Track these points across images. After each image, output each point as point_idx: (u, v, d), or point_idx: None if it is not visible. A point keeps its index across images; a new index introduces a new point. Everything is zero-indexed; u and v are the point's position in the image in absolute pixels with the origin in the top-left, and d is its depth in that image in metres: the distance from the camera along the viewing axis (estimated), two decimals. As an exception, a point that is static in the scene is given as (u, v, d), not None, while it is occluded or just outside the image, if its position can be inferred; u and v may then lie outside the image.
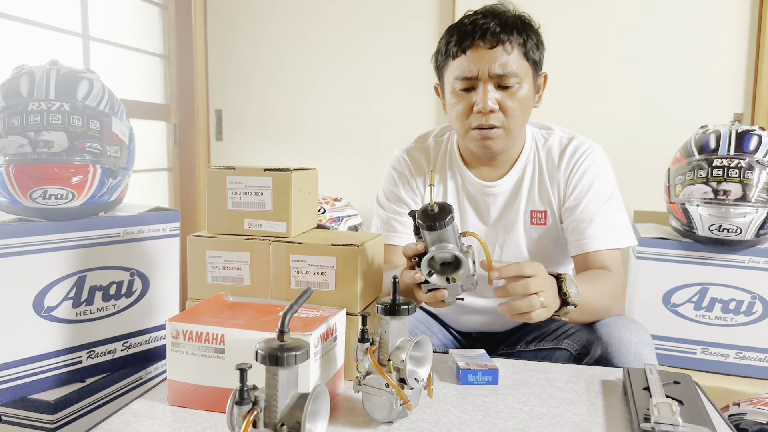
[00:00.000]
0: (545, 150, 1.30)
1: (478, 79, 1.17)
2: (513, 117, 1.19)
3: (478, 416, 0.87)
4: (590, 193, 1.24)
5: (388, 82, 2.57)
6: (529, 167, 1.30)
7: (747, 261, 1.59)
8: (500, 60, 1.16)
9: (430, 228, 0.93)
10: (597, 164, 1.27)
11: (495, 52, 1.16)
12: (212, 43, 2.75)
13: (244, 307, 0.96)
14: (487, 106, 1.16)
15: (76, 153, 1.13)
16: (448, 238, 0.94)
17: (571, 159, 1.27)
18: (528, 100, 1.21)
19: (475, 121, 1.19)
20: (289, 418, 0.65)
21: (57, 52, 2.07)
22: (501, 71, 1.16)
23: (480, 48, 1.16)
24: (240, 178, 1.01)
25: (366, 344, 0.84)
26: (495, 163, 1.29)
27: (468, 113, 1.20)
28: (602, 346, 1.11)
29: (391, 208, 1.35)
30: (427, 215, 0.94)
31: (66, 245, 1.16)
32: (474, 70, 1.17)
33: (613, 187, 1.28)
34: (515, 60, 1.17)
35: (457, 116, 1.22)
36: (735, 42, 2.22)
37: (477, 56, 1.16)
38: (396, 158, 1.38)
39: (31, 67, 1.20)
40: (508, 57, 1.16)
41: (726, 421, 0.88)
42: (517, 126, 1.21)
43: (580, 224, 1.23)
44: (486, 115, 1.18)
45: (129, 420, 0.85)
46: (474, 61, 1.17)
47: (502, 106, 1.18)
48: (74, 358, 1.20)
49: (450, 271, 0.96)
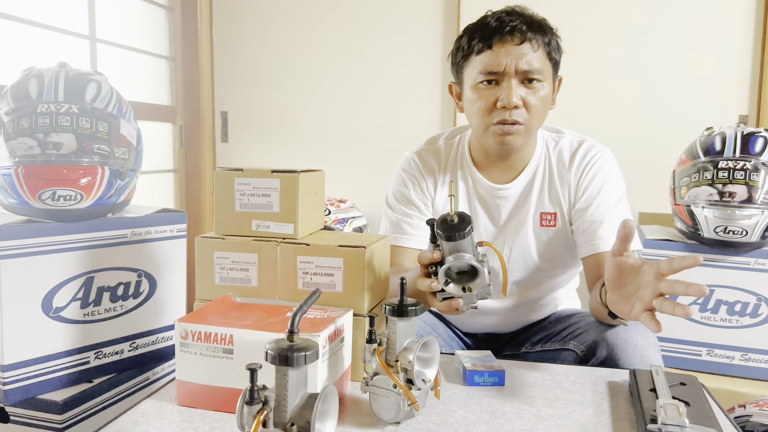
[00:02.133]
0: (556, 152, 1.30)
1: (503, 74, 1.17)
2: (535, 115, 1.19)
3: (485, 417, 0.88)
4: (601, 195, 1.25)
5: (394, 84, 2.58)
6: (539, 170, 1.30)
7: (752, 263, 1.59)
8: (527, 56, 1.16)
9: (449, 238, 0.93)
10: (607, 167, 1.27)
11: (522, 48, 1.17)
12: (218, 45, 2.76)
13: (252, 308, 0.97)
14: (512, 102, 1.16)
15: (85, 155, 1.14)
16: (466, 248, 0.95)
17: (582, 161, 1.27)
18: (548, 99, 1.22)
19: (498, 117, 1.19)
20: (298, 418, 0.65)
21: (64, 55, 2.08)
22: (527, 67, 1.17)
23: (508, 43, 1.17)
24: (248, 180, 1.02)
25: (373, 345, 0.84)
26: (506, 164, 1.29)
27: (491, 109, 1.20)
28: (608, 348, 1.12)
29: (401, 210, 1.34)
30: (446, 225, 0.94)
31: (74, 246, 1.17)
32: (501, 65, 1.17)
33: (623, 191, 1.28)
34: (540, 58, 1.18)
35: (479, 111, 1.21)
36: (740, 44, 2.21)
37: (504, 51, 1.17)
38: (406, 160, 1.37)
39: (40, 69, 1.21)
40: (534, 54, 1.17)
41: (732, 422, 0.88)
42: (537, 124, 1.22)
43: (591, 225, 1.23)
44: (510, 111, 1.17)
45: (138, 420, 0.86)
46: (501, 56, 1.17)
47: (525, 102, 1.18)
48: (82, 359, 1.20)
49: (466, 280, 0.96)
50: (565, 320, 1.29)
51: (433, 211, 1.35)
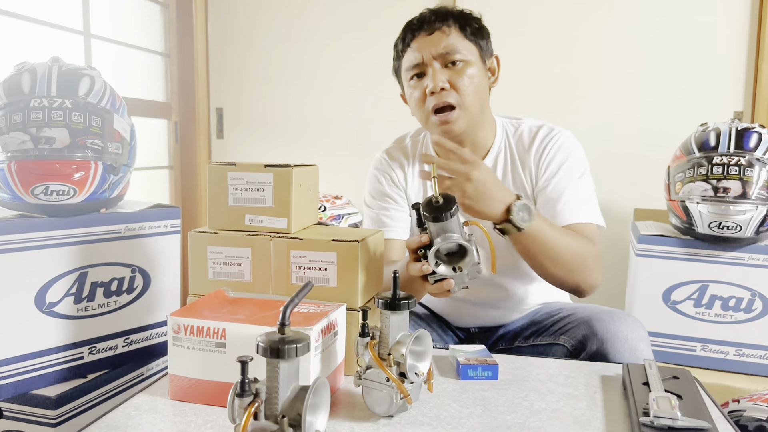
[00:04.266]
0: (516, 138, 1.33)
1: (425, 63, 1.24)
2: (465, 93, 1.23)
3: (478, 410, 0.88)
4: (560, 173, 1.27)
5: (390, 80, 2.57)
6: (501, 156, 1.32)
7: (747, 258, 1.59)
8: (443, 42, 1.23)
9: (436, 219, 0.95)
10: (567, 146, 1.29)
11: (434, 36, 1.24)
12: (213, 41, 2.75)
13: (245, 303, 0.96)
14: (437, 85, 1.21)
15: (78, 149, 1.14)
16: (453, 229, 0.96)
17: (542, 143, 1.30)
18: (479, 77, 1.25)
19: (431, 103, 1.24)
20: (290, 411, 0.65)
21: (59, 50, 2.07)
22: (443, 50, 1.23)
23: (422, 37, 1.25)
24: (241, 174, 1.01)
25: (366, 339, 0.84)
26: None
27: (423, 98, 1.25)
28: (598, 341, 1.13)
29: (378, 205, 1.38)
30: (432, 207, 0.95)
31: (67, 241, 1.17)
32: (419, 57, 1.24)
33: (584, 168, 1.30)
34: (455, 39, 1.24)
35: (416, 105, 1.27)
36: (735, 40, 2.22)
37: (420, 45, 1.25)
38: (377, 160, 1.43)
39: (32, 64, 1.20)
40: (448, 38, 1.23)
41: (725, 415, 0.88)
42: (473, 103, 1.24)
43: (549, 202, 1.26)
44: (438, 94, 1.22)
45: (130, 414, 0.85)
46: (418, 49, 1.25)
47: (453, 84, 1.23)
48: (76, 354, 1.20)
49: (456, 260, 0.98)
50: (556, 315, 1.29)
51: (408, 202, 1.38)
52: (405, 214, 1.38)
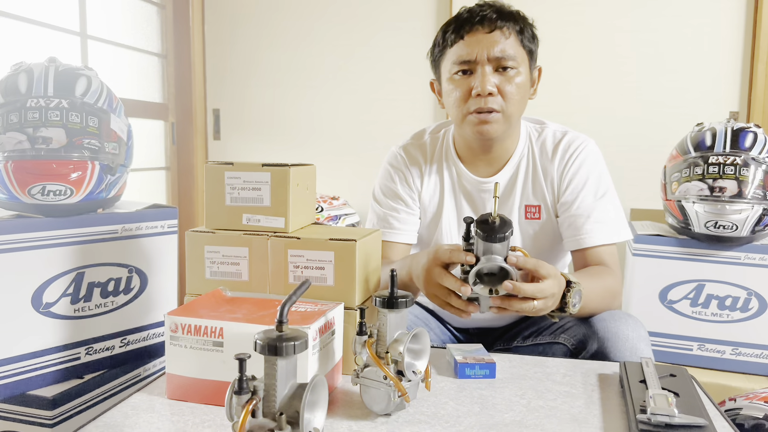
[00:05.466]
0: (539, 144, 1.30)
1: (476, 62, 1.18)
2: (511, 101, 1.20)
3: (475, 408, 0.88)
4: (586, 189, 1.25)
5: (386, 81, 2.58)
6: (523, 162, 1.30)
7: (743, 257, 1.59)
8: (499, 43, 1.18)
9: (488, 239, 0.94)
10: (591, 159, 1.27)
11: (493, 35, 1.18)
12: (210, 43, 2.76)
13: (243, 302, 0.96)
14: (486, 89, 1.17)
15: (75, 149, 1.14)
16: (500, 251, 0.95)
17: (565, 154, 1.27)
18: (525, 87, 1.22)
19: (474, 105, 1.19)
20: (287, 408, 0.65)
21: (55, 51, 2.06)
22: (500, 54, 1.18)
23: (478, 32, 1.18)
24: (238, 174, 1.01)
25: (364, 337, 0.84)
26: (490, 157, 1.29)
27: (466, 98, 1.20)
28: (598, 341, 1.12)
29: (388, 205, 1.35)
30: (488, 226, 0.94)
31: (64, 242, 1.17)
32: (473, 54, 1.18)
33: (609, 182, 1.28)
34: (512, 45, 1.19)
35: (455, 102, 1.22)
36: (731, 40, 2.23)
37: (475, 40, 1.18)
38: (393, 155, 1.38)
39: (29, 64, 1.20)
40: (506, 41, 1.18)
41: (721, 412, 0.88)
42: (515, 112, 1.22)
43: (576, 220, 1.24)
44: (485, 98, 1.18)
45: (128, 413, 0.85)
46: (472, 45, 1.18)
47: (500, 90, 1.19)
48: (72, 355, 1.20)
49: (494, 282, 0.96)
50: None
51: (420, 204, 1.35)
52: (414, 217, 1.35)
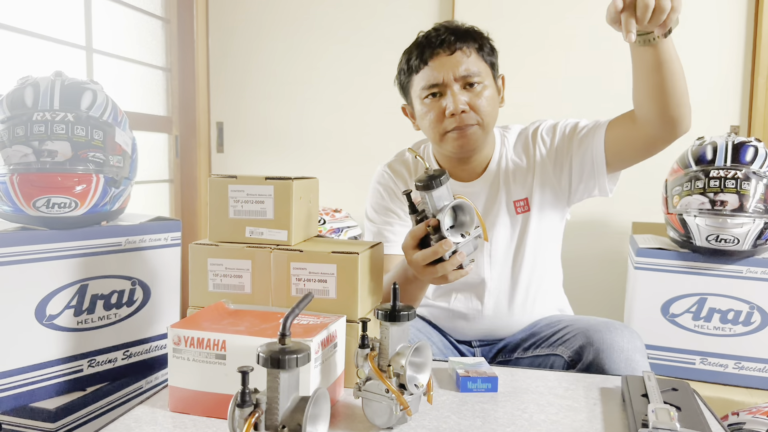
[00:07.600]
0: (509, 143, 1.38)
1: (444, 84, 1.25)
2: (484, 113, 1.26)
3: (477, 422, 0.88)
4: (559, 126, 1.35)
5: (390, 94, 2.58)
6: (502, 161, 1.36)
7: (745, 271, 1.59)
8: (462, 63, 1.25)
9: (434, 185, 0.99)
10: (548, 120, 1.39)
11: (455, 57, 1.25)
12: (214, 56, 2.78)
13: (245, 315, 0.97)
14: (459, 108, 1.23)
15: (80, 162, 1.15)
16: (447, 195, 1.02)
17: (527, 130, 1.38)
18: (493, 98, 1.29)
19: (451, 125, 1.26)
20: (290, 421, 0.65)
21: (61, 65, 2.09)
22: (465, 73, 1.25)
23: (440, 56, 1.25)
24: (241, 187, 1.02)
25: (366, 350, 0.85)
26: (470, 166, 1.35)
27: (441, 118, 1.26)
28: (594, 352, 1.13)
29: (381, 220, 1.39)
30: (428, 176, 1.00)
31: (68, 254, 1.17)
32: (439, 77, 1.25)
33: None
34: (474, 62, 1.26)
35: (431, 124, 1.28)
36: (731, 54, 2.24)
37: (439, 64, 1.25)
38: (379, 174, 1.44)
39: (35, 78, 1.21)
40: (468, 60, 1.25)
41: (724, 427, 0.88)
42: (490, 122, 1.29)
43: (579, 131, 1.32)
44: (459, 116, 1.24)
45: (130, 426, 0.85)
46: (437, 69, 1.25)
47: (472, 105, 1.25)
48: (75, 367, 1.20)
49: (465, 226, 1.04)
50: (554, 326, 1.30)
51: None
52: (407, 229, 1.37)
